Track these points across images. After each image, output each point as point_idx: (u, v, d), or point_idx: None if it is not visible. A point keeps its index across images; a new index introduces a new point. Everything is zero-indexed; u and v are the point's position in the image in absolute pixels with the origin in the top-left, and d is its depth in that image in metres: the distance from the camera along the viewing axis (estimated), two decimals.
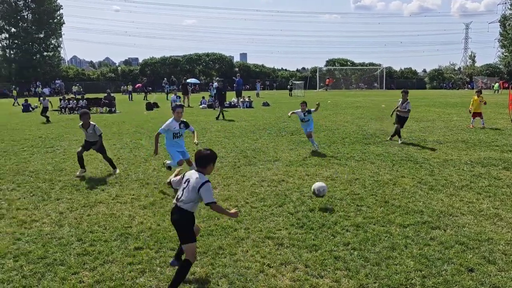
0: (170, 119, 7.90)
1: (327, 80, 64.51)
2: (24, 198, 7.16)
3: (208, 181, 4.04)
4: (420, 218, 5.91)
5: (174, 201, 4.18)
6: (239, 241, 5.23)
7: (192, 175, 4.13)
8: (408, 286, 4.14)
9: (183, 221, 4.05)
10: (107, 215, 6.23)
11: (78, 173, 8.68)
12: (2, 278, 4.37)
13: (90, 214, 6.31)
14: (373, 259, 4.68)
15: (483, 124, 15.38)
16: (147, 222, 5.93)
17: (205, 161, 4.13)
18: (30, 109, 28.37)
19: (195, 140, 8.07)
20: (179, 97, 28.22)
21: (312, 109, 11.31)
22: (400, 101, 12.40)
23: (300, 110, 11.34)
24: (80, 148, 9.03)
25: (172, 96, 28.89)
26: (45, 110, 20.44)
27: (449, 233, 5.40)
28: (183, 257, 4.20)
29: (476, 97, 15.79)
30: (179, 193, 4.13)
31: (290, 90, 45.42)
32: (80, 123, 9.06)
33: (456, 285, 4.14)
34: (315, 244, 5.11)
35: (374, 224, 5.73)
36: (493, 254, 4.77)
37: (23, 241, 5.33)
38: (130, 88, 43.85)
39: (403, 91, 12.68)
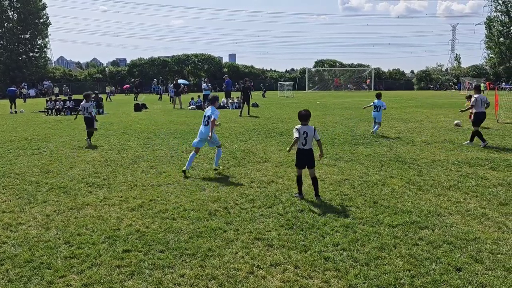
0: (213, 108, 8.83)
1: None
2: (10, 200, 7.05)
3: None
4: (409, 218, 5.95)
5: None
6: (229, 243, 5.21)
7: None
8: (397, 286, 4.16)
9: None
10: (94, 218, 6.16)
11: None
12: None
13: (78, 216, 6.23)
14: (363, 260, 4.69)
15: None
16: (136, 224, 5.88)
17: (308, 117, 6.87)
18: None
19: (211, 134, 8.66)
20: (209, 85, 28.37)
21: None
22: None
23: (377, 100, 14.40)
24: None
25: (204, 85, 28.16)
26: None
27: (437, 232, 5.45)
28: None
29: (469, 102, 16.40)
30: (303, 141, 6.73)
31: (264, 91, 48.19)
32: (83, 102, 13.04)
33: (444, 284, 4.17)
34: (305, 245, 5.11)
35: (363, 225, 5.75)
36: (480, 253, 4.82)
37: (8, 244, 5.24)
38: (108, 89, 44.19)
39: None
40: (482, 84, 51.67)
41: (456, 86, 65.56)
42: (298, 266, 4.58)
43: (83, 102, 13.27)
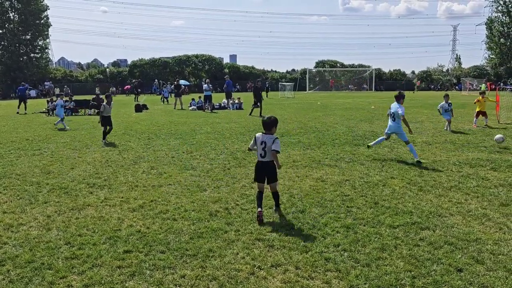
0: (399, 104, 9.40)
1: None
2: (11, 201, 7.06)
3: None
4: (410, 219, 5.95)
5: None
6: (230, 243, 5.21)
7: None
8: (398, 287, 4.15)
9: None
10: (95, 218, 6.16)
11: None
12: None
13: (79, 217, 6.24)
14: (363, 260, 4.69)
15: (486, 122, 16.33)
16: (136, 225, 5.88)
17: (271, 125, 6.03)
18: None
19: None
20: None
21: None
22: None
23: (444, 102, 14.61)
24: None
25: (205, 85, 26.41)
26: None
27: (438, 233, 5.44)
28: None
29: (481, 98, 16.57)
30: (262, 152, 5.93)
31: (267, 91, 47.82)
32: (105, 102, 13.59)
33: (445, 285, 4.17)
34: (306, 245, 5.11)
35: (364, 225, 5.75)
36: (482, 254, 4.81)
37: (9, 245, 5.24)
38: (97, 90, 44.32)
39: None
40: (483, 85, 51.85)
41: (457, 87, 65.52)
42: (299, 266, 4.58)
43: (104, 103, 13.70)
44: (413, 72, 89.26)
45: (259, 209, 5.90)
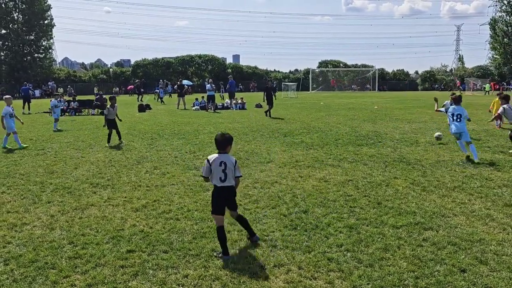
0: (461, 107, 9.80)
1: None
2: (15, 201, 7.09)
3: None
4: (413, 219, 5.93)
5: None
6: (233, 243, 5.21)
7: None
8: (401, 287, 4.15)
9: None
10: (99, 218, 6.18)
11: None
12: None
13: (82, 217, 6.26)
14: (366, 261, 4.68)
15: (499, 124, 15.83)
16: (139, 224, 5.89)
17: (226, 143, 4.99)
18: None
19: None
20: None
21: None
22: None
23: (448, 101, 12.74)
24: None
25: (208, 85, 26.50)
26: None
27: (442, 234, 5.43)
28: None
29: (497, 99, 16.18)
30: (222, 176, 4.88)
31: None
32: (109, 104, 13.36)
33: (448, 285, 4.16)
34: (309, 245, 5.11)
35: (367, 226, 5.74)
36: (485, 254, 4.80)
37: (13, 244, 5.27)
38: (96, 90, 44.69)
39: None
40: (487, 85, 51.68)
41: (460, 87, 65.30)
42: (301, 267, 4.58)
43: (108, 106, 13.46)
44: (416, 72, 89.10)
45: (226, 256, 4.80)
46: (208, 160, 4.94)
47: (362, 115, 21.38)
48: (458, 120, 9.99)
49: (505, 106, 10.73)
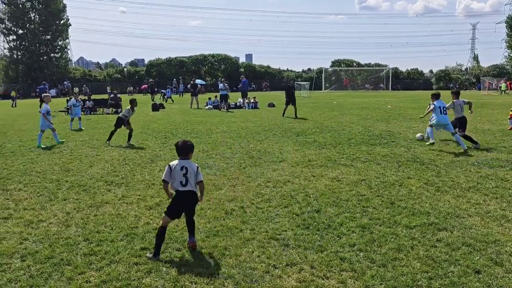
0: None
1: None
2: (31, 198, 7.21)
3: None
4: (427, 220, 5.88)
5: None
6: (245, 242, 5.23)
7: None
8: None
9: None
10: (113, 216, 6.26)
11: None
12: (10, 277, 4.41)
13: (97, 214, 6.34)
14: (379, 261, 4.66)
15: None
16: (153, 222, 5.95)
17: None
18: None
19: None
20: None
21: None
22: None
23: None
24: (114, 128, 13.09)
25: (220, 85, 26.43)
26: None
27: (456, 234, 5.37)
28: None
29: None
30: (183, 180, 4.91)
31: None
32: (129, 107, 13.16)
33: (463, 287, 4.12)
34: (321, 245, 5.10)
35: (380, 225, 5.71)
36: (500, 255, 4.74)
37: (30, 241, 5.36)
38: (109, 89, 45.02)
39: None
40: (503, 84, 50.81)
41: (475, 86, 64.36)
42: (314, 266, 4.58)
43: (129, 107, 13.27)
44: (431, 71, 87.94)
45: (156, 257, 4.78)
46: (169, 165, 5.02)
47: (375, 114, 21.23)
48: (445, 113, 11.43)
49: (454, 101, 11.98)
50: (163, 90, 40.61)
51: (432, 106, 11.76)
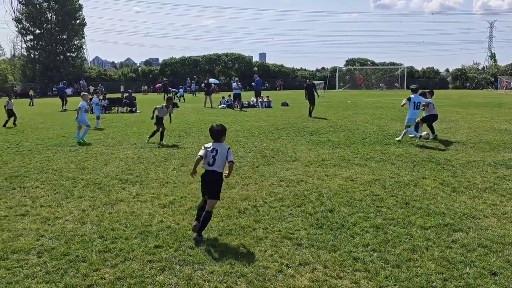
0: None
1: None
2: (48, 195, 7.33)
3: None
4: (442, 220, 5.82)
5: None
6: (258, 241, 5.24)
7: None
8: None
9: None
10: (127, 213, 6.32)
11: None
12: (27, 273, 4.49)
13: (112, 212, 6.42)
14: (393, 261, 4.62)
15: None
16: (167, 220, 6.00)
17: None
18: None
19: None
20: None
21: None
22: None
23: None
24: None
25: (234, 84, 26.41)
26: (10, 113, 18.40)
27: (472, 235, 5.30)
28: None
29: None
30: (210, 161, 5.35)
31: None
32: (164, 105, 13.13)
33: None
34: (334, 245, 5.08)
35: (394, 226, 5.66)
36: None
37: (46, 237, 5.45)
38: (122, 88, 45.29)
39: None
40: None
41: (493, 85, 63.31)
42: (327, 266, 4.56)
43: (162, 105, 13.18)
44: (447, 70, 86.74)
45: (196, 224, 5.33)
46: (204, 146, 5.53)
47: (390, 113, 21.04)
48: (417, 108, 12.18)
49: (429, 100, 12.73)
50: (174, 89, 40.72)
51: (405, 101, 12.51)
